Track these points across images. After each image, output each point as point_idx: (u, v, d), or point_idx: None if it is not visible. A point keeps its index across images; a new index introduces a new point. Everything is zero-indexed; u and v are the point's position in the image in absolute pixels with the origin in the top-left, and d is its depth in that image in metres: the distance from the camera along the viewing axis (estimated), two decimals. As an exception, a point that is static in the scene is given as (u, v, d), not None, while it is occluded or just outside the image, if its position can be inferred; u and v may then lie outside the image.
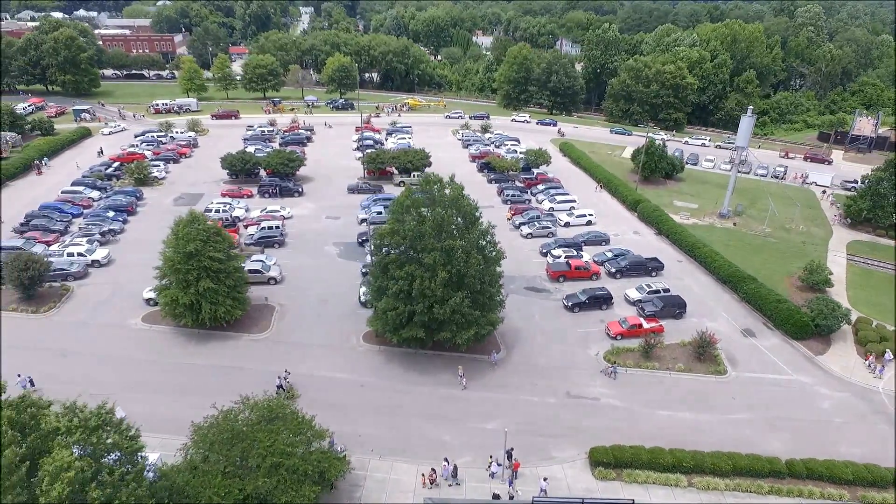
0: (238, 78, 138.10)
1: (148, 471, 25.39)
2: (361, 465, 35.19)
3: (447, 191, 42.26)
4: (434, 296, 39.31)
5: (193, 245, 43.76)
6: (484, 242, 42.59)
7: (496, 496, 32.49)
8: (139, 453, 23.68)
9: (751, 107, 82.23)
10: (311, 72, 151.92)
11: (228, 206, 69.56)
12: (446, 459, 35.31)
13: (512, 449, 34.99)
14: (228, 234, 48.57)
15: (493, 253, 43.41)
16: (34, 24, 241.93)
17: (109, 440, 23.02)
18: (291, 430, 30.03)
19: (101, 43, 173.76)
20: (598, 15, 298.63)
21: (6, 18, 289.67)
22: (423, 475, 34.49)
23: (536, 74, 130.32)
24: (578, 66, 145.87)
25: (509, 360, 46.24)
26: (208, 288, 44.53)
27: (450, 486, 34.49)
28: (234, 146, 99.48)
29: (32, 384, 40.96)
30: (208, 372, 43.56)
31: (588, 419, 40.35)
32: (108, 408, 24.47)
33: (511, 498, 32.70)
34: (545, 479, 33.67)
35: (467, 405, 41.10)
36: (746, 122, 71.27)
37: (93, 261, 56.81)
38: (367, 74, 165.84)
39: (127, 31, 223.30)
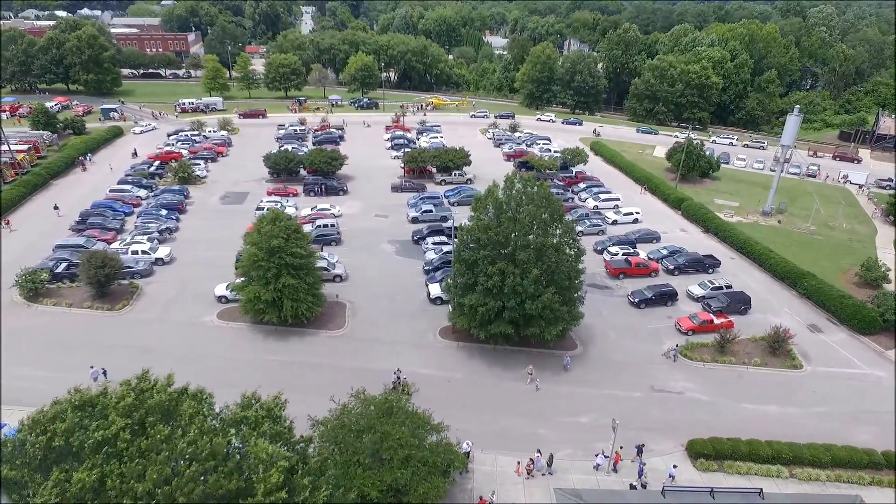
0: (260, 77, 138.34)
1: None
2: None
3: (536, 189, 42.75)
4: (526, 292, 39.80)
5: (277, 241, 44.10)
6: (569, 239, 43.09)
7: (633, 486, 33.04)
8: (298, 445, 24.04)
9: (797, 106, 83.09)
10: (330, 71, 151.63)
11: (279, 204, 69.74)
12: (539, 451, 35.91)
13: (643, 445, 35.89)
14: (307, 233, 48.71)
15: (576, 249, 43.97)
16: (44, 22, 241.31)
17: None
18: (414, 424, 30.46)
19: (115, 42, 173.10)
20: (604, 15, 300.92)
21: (10, 17, 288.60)
22: (518, 463, 35.14)
23: (560, 74, 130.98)
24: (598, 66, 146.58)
25: (587, 356, 46.82)
26: (289, 284, 44.88)
27: (543, 475, 35.11)
28: (268, 145, 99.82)
29: (105, 375, 41.24)
30: (293, 368, 43.85)
31: (676, 413, 40.97)
32: (282, 399, 24.75)
33: (644, 487, 33.29)
34: (675, 466, 34.53)
35: (556, 400, 41.62)
36: (793, 121, 72.18)
37: (156, 259, 57.02)
38: (384, 74, 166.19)
39: (136, 30, 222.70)
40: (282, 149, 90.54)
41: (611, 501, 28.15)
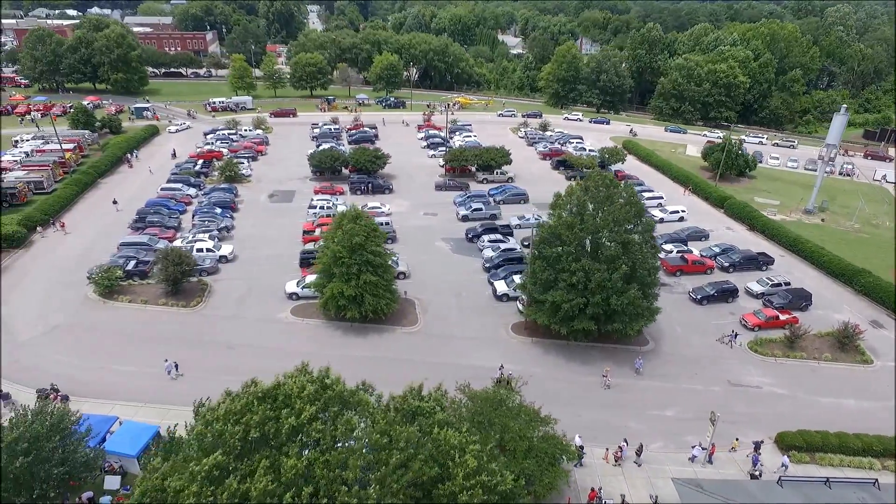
0: (286, 76, 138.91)
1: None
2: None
3: (620, 187, 43.54)
4: (614, 287, 40.57)
5: (359, 239, 44.87)
6: (648, 236, 43.88)
7: (753, 476, 33.81)
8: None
9: (844, 105, 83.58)
10: (354, 70, 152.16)
11: (331, 203, 70.47)
12: (625, 440, 36.80)
13: (762, 441, 36.77)
14: (383, 231, 49.38)
15: (652, 246, 44.76)
16: (56, 21, 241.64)
17: None
18: (527, 417, 31.21)
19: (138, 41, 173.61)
20: (612, 14, 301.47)
21: (20, 16, 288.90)
22: (606, 450, 36.00)
23: (586, 73, 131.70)
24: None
25: (659, 351, 47.62)
26: (370, 281, 45.69)
27: (636, 464, 35.94)
28: (302, 144, 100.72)
29: (177, 368, 42.00)
30: (376, 364, 44.45)
31: (757, 406, 41.76)
32: (443, 390, 25.44)
33: (759, 476, 34.07)
34: (788, 456, 35.32)
35: (639, 394, 42.43)
36: (839, 120, 72.99)
37: (220, 256, 57.72)
38: (405, 73, 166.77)
39: (149, 29, 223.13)
40: (320, 148, 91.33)
41: (731, 494, 28.88)
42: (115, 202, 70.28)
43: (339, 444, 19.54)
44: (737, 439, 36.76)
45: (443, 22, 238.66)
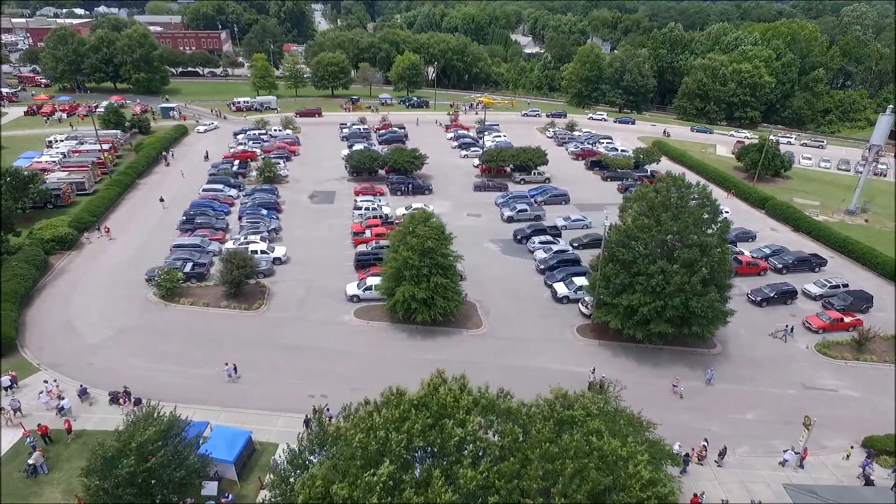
0: (307, 75, 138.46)
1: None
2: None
3: (693, 189, 43.36)
4: (693, 290, 40.41)
5: (431, 243, 44.66)
6: (724, 237, 43.73)
7: (870, 482, 33.59)
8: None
9: (891, 105, 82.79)
10: (376, 69, 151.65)
11: (376, 204, 70.20)
12: (706, 440, 36.70)
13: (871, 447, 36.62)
14: (449, 233, 49.07)
15: (725, 247, 44.60)
16: (64, 20, 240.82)
17: None
18: (636, 423, 31.02)
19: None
20: (621, 13, 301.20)
21: (27, 15, 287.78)
22: (692, 449, 35.88)
23: (609, 73, 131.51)
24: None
25: (727, 354, 47.49)
26: (440, 283, 45.51)
27: (716, 464, 35.86)
28: (332, 144, 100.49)
29: (236, 371, 41.76)
30: (447, 367, 43.94)
31: (835, 409, 41.61)
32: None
33: (871, 481, 33.92)
34: (871, 461, 35.14)
35: (715, 396, 42.31)
36: (885, 120, 72.92)
37: (274, 258, 57.44)
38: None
39: (160, 28, 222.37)
40: (354, 148, 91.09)
41: (847, 500, 28.73)
42: (161, 200, 70.59)
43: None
44: (851, 447, 36.68)
45: (454, 21, 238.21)
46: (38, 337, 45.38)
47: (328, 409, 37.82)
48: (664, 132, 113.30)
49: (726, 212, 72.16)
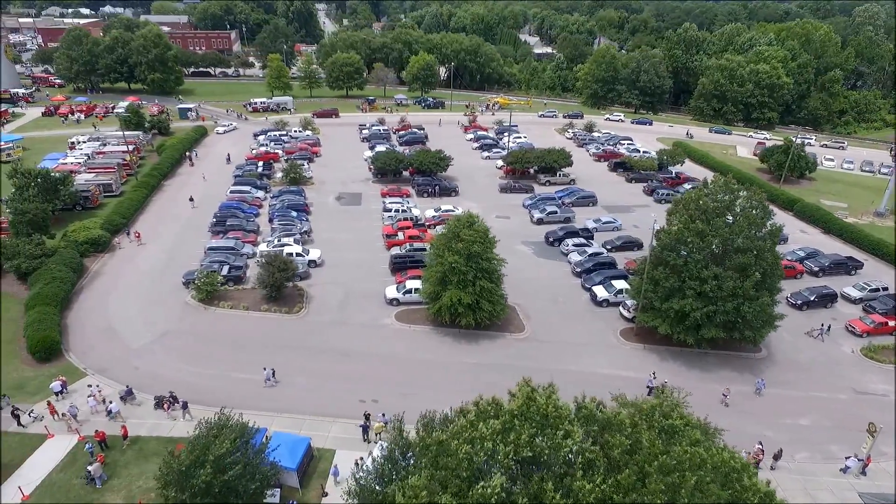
0: (322, 76, 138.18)
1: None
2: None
3: (744, 193, 43.07)
4: (747, 295, 40.10)
5: (478, 247, 44.36)
6: (776, 241, 43.43)
7: None
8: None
9: None
10: (390, 70, 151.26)
11: (405, 206, 69.87)
12: (760, 443, 36.44)
13: None
14: (492, 237, 48.63)
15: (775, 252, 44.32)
16: (71, 20, 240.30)
17: None
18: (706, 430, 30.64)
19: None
20: (627, 13, 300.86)
21: (33, 15, 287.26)
22: (748, 453, 35.55)
23: (625, 74, 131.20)
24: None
25: (773, 358, 47.16)
26: (486, 288, 45.22)
27: (770, 467, 35.58)
28: (352, 145, 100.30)
29: (274, 375, 41.41)
30: (494, 371, 43.92)
31: (888, 414, 41.29)
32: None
33: None
34: None
35: (765, 400, 41.96)
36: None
37: (309, 261, 57.11)
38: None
39: (168, 28, 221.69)
40: (376, 149, 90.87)
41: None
42: (191, 199, 70.97)
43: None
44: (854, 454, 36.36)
45: (463, 21, 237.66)
46: (81, 341, 45.09)
47: (383, 415, 37.67)
48: (687, 134, 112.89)
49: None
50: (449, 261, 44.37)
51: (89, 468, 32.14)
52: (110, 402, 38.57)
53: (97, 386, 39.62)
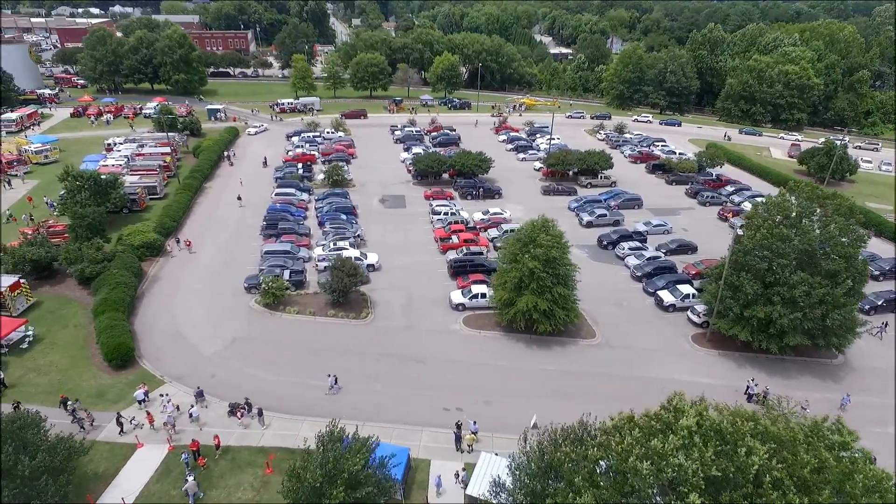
0: (346, 76, 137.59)
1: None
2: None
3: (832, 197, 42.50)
4: (836, 302, 39.55)
5: (556, 252, 43.80)
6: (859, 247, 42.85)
7: None
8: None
9: None
10: (414, 71, 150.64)
11: (454, 208, 69.29)
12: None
13: None
14: (566, 241, 48.01)
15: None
16: (84, 20, 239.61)
17: None
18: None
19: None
20: (637, 13, 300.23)
21: (42, 14, 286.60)
22: None
23: (652, 75, 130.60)
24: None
25: (851, 364, 46.57)
26: (562, 294, 44.67)
27: None
28: (385, 146, 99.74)
29: (336, 382, 40.84)
30: (570, 378, 43.45)
31: (976, 421, 40.82)
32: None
33: None
34: None
35: (860, 409, 41.36)
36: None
37: (367, 265, 56.51)
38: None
39: (181, 29, 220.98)
40: (415, 151, 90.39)
41: None
42: (239, 198, 71.10)
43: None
44: None
45: (476, 20, 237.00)
46: (152, 348, 44.53)
47: (474, 424, 37.12)
48: (725, 136, 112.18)
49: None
50: (528, 266, 43.75)
51: (185, 487, 31.47)
52: (190, 407, 38.21)
53: (165, 395, 39.00)
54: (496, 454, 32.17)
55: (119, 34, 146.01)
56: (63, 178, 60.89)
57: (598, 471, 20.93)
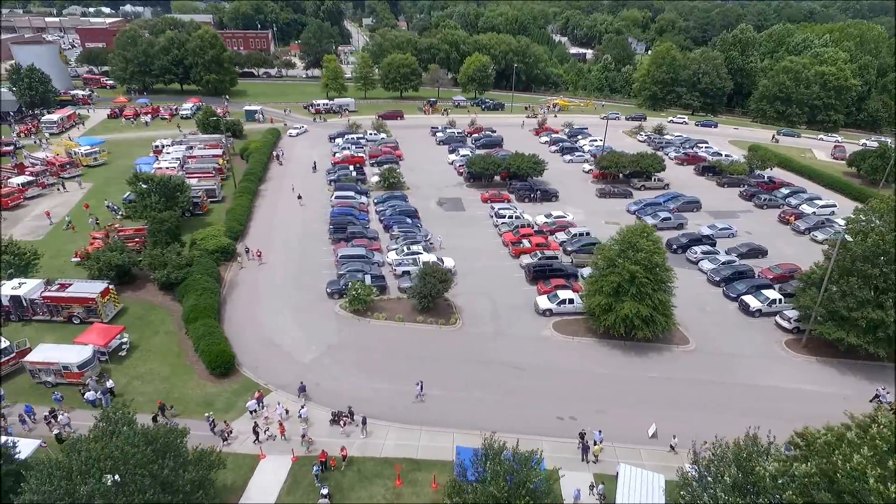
0: (377, 77, 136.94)
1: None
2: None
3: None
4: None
5: (658, 258, 43.35)
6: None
7: None
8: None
9: None
10: (445, 71, 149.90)
11: (518, 212, 68.76)
12: None
13: None
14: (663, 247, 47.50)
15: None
16: (97, 19, 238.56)
17: None
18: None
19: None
20: (652, 13, 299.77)
21: (52, 14, 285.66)
22: None
23: (686, 76, 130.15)
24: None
25: (951, 371, 46.22)
26: (664, 300, 44.21)
27: None
28: (427, 148, 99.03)
29: (422, 389, 40.33)
30: (673, 385, 42.92)
31: None
32: None
33: None
34: None
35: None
36: None
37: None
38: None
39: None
40: (462, 153, 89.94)
41: None
42: (299, 197, 71.59)
43: None
44: None
45: (492, 21, 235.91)
46: (248, 355, 43.95)
47: (599, 433, 36.61)
48: (773, 138, 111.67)
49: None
50: (630, 270, 43.25)
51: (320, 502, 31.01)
52: (300, 408, 38.10)
53: (280, 403, 38.56)
54: (638, 468, 31.65)
55: (146, 34, 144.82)
56: (132, 181, 60.31)
57: (814, 489, 20.41)
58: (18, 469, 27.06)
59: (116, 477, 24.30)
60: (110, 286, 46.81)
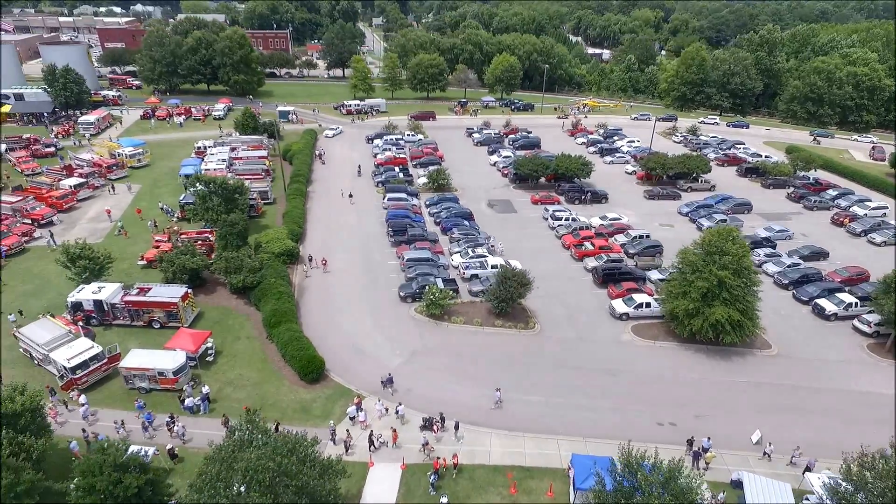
0: (404, 77, 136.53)
1: None
2: None
3: None
4: None
5: (747, 262, 42.99)
6: None
7: None
8: None
9: None
10: (471, 72, 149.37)
11: (573, 214, 68.38)
12: None
13: None
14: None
15: None
16: (110, 19, 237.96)
17: None
18: None
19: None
20: (664, 13, 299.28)
21: (64, 14, 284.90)
22: None
23: (716, 76, 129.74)
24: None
25: None
26: (752, 304, 43.85)
27: None
28: (464, 149, 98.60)
29: (500, 396, 39.79)
30: (762, 390, 42.53)
31: None
32: None
33: None
34: None
35: None
36: None
37: (512, 273, 55.46)
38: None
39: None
40: (503, 154, 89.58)
41: None
42: (350, 196, 72.27)
43: None
44: None
45: (507, 21, 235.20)
46: (334, 361, 43.32)
47: (708, 440, 36.23)
48: (814, 139, 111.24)
49: (922, 222, 70.92)
50: (718, 275, 42.88)
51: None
52: (398, 405, 38.21)
53: (380, 402, 38.39)
54: (766, 478, 31.28)
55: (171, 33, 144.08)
56: (192, 183, 59.85)
57: None
58: (155, 477, 26.73)
59: (243, 487, 24.05)
60: (189, 290, 46.37)
